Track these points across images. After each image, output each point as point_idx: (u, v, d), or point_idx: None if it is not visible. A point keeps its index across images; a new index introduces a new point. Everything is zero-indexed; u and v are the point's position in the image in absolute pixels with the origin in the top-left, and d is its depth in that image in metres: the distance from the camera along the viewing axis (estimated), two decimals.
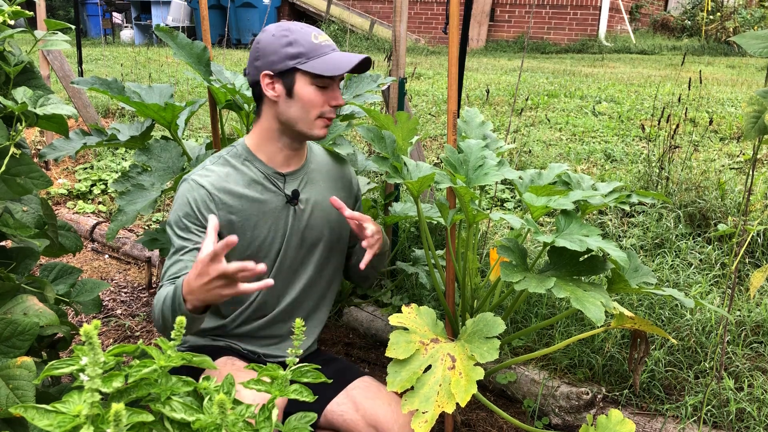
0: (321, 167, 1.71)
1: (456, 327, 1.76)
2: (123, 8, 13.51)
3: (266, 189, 1.59)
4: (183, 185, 1.56)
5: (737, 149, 4.06)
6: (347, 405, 1.55)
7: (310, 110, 1.52)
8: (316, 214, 1.65)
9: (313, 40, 1.51)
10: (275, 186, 1.60)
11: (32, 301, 1.24)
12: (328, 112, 1.54)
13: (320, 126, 1.54)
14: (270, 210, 1.59)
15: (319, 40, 1.51)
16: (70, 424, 0.78)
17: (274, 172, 1.60)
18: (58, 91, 5.25)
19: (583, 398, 2.05)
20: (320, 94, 1.52)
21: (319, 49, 1.50)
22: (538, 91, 6.14)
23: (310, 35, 1.51)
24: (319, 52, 1.50)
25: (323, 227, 1.67)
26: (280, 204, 1.60)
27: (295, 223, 1.62)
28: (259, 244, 1.59)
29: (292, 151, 1.61)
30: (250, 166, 1.59)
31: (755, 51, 1.33)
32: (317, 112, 1.53)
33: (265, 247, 1.60)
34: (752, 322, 2.33)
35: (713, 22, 10.88)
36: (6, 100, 1.26)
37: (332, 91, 1.53)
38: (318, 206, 1.66)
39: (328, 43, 1.53)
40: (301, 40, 1.50)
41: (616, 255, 1.44)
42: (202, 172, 1.57)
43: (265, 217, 1.59)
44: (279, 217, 1.60)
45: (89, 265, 3.36)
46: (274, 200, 1.59)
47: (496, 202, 3.53)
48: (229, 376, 0.99)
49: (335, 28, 11.78)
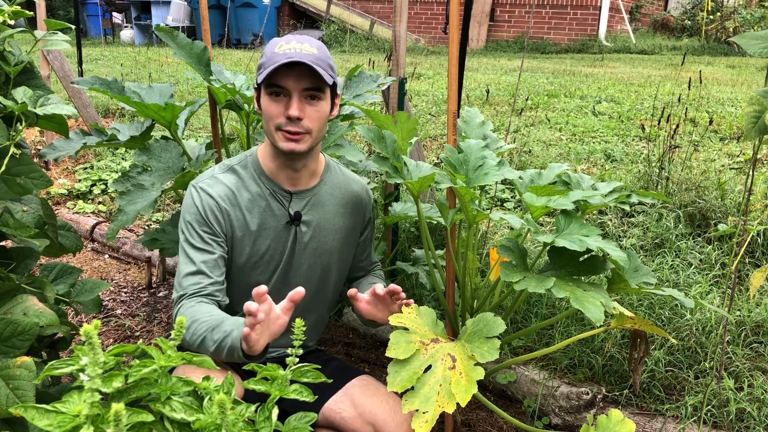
0: (334, 190, 1.66)
1: (456, 327, 1.76)
2: (123, 8, 13.52)
3: (270, 206, 1.58)
4: (192, 192, 1.55)
5: (737, 149, 4.06)
6: (345, 403, 1.56)
7: (268, 121, 1.48)
8: (318, 238, 1.63)
9: (275, 50, 1.44)
10: (280, 204, 1.58)
11: (32, 301, 1.24)
12: (285, 123, 1.45)
13: (282, 138, 1.47)
14: (272, 227, 1.58)
15: (282, 48, 1.43)
16: (70, 424, 0.78)
17: (280, 189, 1.58)
18: (58, 91, 5.25)
19: (583, 398, 2.05)
20: (275, 105, 1.46)
21: (274, 57, 1.42)
22: (538, 91, 6.14)
23: (275, 45, 1.46)
24: (272, 61, 1.42)
25: (324, 251, 1.65)
26: (282, 223, 1.59)
27: (296, 244, 1.61)
28: (257, 259, 1.59)
29: (293, 171, 1.57)
30: (257, 179, 1.58)
31: (755, 51, 1.33)
32: (274, 124, 1.47)
33: (263, 263, 1.60)
34: (752, 322, 2.33)
35: (713, 22, 10.88)
36: (6, 100, 1.26)
37: (290, 101, 1.44)
38: (321, 230, 1.63)
39: (287, 52, 1.42)
40: (267, 52, 1.47)
41: (616, 255, 1.44)
42: (210, 181, 1.56)
43: (266, 234, 1.58)
44: (280, 236, 1.59)
45: (89, 265, 3.36)
46: (276, 218, 1.58)
47: (496, 202, 3.53)
48: (229, 377, 0.99)
49: (335, 28, 11.78)
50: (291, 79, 1.43)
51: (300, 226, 1.60)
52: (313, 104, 1.47)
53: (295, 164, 1.56)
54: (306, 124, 1.46)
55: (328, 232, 1.65)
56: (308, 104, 1.46)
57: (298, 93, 1.44)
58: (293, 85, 1.44)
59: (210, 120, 2.20)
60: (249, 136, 2.18)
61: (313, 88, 1.46)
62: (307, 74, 1.43)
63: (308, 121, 1.46)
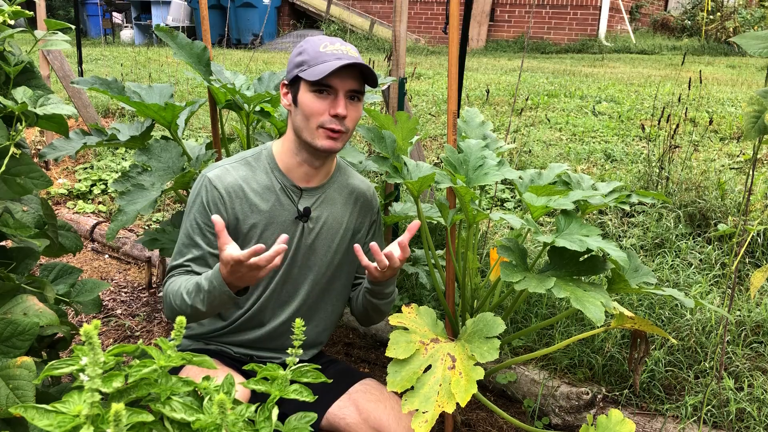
0: (343, 189, 1.67)
1: (456, 327, 1.76)
2: (123, 8, 13.52)
3: (279, 200, 1.58)
4: (201, 180, 1.57)
5: (737, 149, 4.06)
6: (349, 408, 1.55)
7: (309, 118, 1.49)
8: (325, 234, 1.63)
9: (320, 48, 1.48)
10: (290, 199, 1.59)
11: (32, 301, 1.24)
12: (329, 122, 1.48)
13: (322, 136, 1.49)
14: (279, 222, 1.58)
15: (328, 49, 1.47)
16: (70, 424, 0.78)
17: (291, 184, 1.59)
18: (58, 91, 5.25)
19: (583, 398, 2.05)
20: (320, 103, 1.48)
21: (321, 57, 1.46)
22: (538, 91, 6.14)
23: (319, 45, 1.49)
24: (320, 59, 1.46)
25: (330, 248, 1.65)
26: (290, 218, 1.59)
27: (302, 240, 1.61)
28: None
29: (312, 168, 1.58)
30: (270, 173, 1.58)
31: (755, 51, 1.33)
32: (317, 121, 1.48)
33: None
34: (752, 322, 2.33)
35: (713, 22, 10.89)
36: (6, 100, 1.26)
37: (335, 99, 1.48)
38: (329, 226, 1.64)
39: (335, 53, 1.47)
40: (309, 50, 1.49)
41: (616, 255, 1.44)
42: (219, 171, 1.56)
43: (273, 228, 1.58)
44: (287, 231, 1.59)
45: (89, 265, 3.36)
46: (284, 213, 1.58)
47: (496, 202, 3.53)
48: (229, 376, 0.99)
49: (335, 28, 11.78)
50: (339, 78, 1.47)
51: (308, 222, 1.61)
52: (354, 104, 1.52)
53: (319, 162, 1.58)
54: (347, 123, 1.51)
55: (335, 230, 1.65)
56: (350, 104, 1.51)
57: (344, 93, 1.49)
58: (341, 85, 1.47)
59: (210, 120, 2.20)
60: (249, 136, 2.18)
61: (358, 89, 1.50)
62: (354, 76, 1.48)
63: (349, 120, 1.51)
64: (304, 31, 12.35)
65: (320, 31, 11.84)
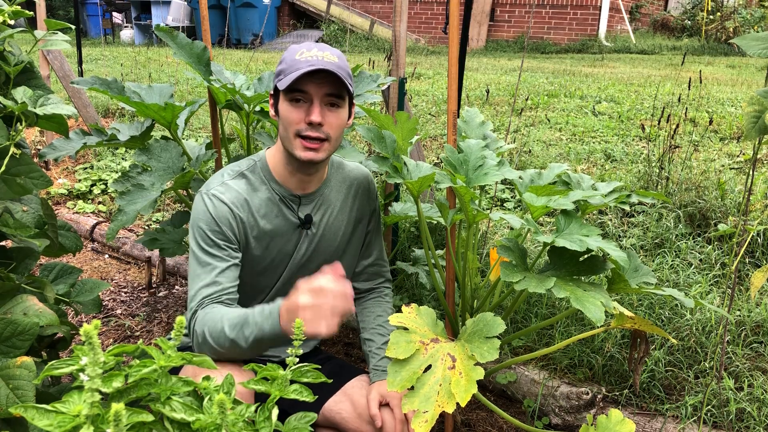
0: (341, 186, 1.66)
1: (456, 327, 1.76)
2: (123, 8, 13.52)
3: (281, 211, 1.58)
4: (204, 199, 1.52)
5: (737, 149, 4.06)
6: (345, 403, 1.57)
7: (287, 127, 1.47)
8: (328, 235, 1.64)
9: (296, 56, 1.45)
10: (290, 208, 1.59)
11: (32, 301, 1.24)
12: (304, 129, 1.44)
13: (300, 147, 1.46)
14: (283, 232, 1.59)
15: (303, 56, 1.44)
16: (70, 424, 0.78)
17: (289, 194, 1.58)
18: (58, 91, 5.25)
19: (583, 398, 2.05)
20: (296, 111, 1.45)
21: (296, 64, 1.42)
22: (538, 91, 6.14)
23: (296, 52, 1.46)
24: (294, 67, 1.42)
25: (333, 246, 1.66)
26: (293, 226, 1.59)
27: (304, 246, 1.62)
28: (267, 264, 1.60)
29: (306, 176, 1.57)
30: (267, 185, 1.57)
31: (755, 53, 1.33)
32: (293, 130, 1.46)
33: (271, 268, 1.61)
34: (752, 322, 2.33)
35: (713, 22, 10.89)
36: (6, 100, 1.26)
37: (311, 106, 1.44)
38: (330, 229, 1.65)
39: (309, 59, 1.43)
40: (287, 58, 1.47)
41: (616, 255, 1.44)
42: (221, 188, 1.54)
43: (277, 238, 1.58)
44: (290, 239, 1.60)
45: (89, 265, 3.36)
46: (287, 222, 1.59)
47: (496, 202, 3.53)
48: (229, 376, 0.99)
49: (335, 28, 11.78)
50: (313, 84, 1.43)
51: (310, 228, 1.61)
52: (333, 111, 1.47)
53: (309, 170, 1.56)
54: (326, 130, 1.46)
55: (336, 229, 1.65)
56: (328, 110, 1.47)
57: (320, 99, 1.45)
58: (315, 90, 1.44)
59: (210, 120, 2.20)
60: (249, 136, 2.18)
61: (334, 94, 1.46)
62: (328, 80, 1.44)
63: (328, 127, 1.46)
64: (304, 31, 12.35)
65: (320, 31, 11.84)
